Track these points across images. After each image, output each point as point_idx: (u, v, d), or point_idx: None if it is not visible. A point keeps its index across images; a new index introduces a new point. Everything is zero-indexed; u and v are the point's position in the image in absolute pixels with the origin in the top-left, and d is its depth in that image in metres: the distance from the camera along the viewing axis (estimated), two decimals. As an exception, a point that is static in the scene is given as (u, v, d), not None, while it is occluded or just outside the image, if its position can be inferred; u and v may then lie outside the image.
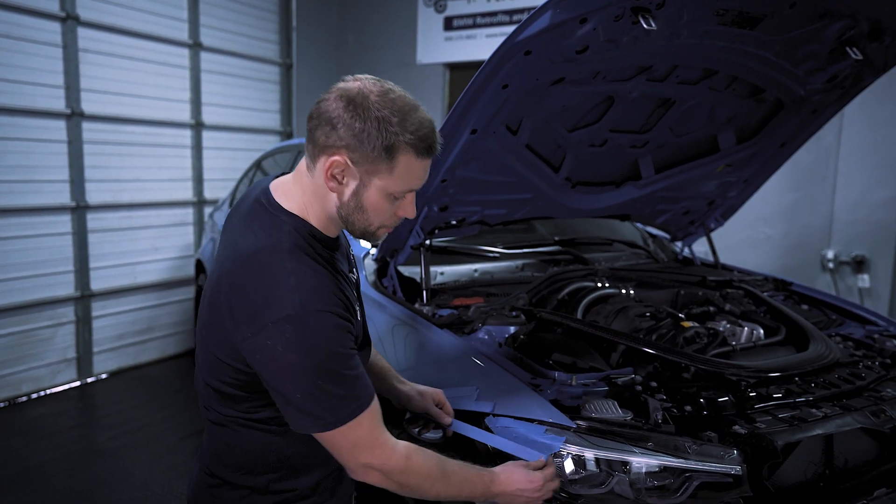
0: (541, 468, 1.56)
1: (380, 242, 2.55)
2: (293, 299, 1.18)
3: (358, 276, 1.54)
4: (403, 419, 1.85)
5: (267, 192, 1.36)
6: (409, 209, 1.35)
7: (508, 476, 1.49)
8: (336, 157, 1.23)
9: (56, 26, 4.46)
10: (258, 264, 1.23)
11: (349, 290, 1.35)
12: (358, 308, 1.41)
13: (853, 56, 2.22)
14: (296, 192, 1.33)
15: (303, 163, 1.34)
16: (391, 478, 1.31)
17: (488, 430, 1.82)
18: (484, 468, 1.49)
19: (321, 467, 1.44)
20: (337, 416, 1.22)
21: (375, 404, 1.29)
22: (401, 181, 1.27)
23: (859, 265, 4.85)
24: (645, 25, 1.78)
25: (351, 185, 1.27)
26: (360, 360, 1.34)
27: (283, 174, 1.44)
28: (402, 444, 1.34)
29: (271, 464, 1.38)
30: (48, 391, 4.68)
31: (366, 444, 1.27)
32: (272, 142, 6.23)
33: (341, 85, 1.25)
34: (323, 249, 1.33)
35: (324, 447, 1.31)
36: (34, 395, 4.60)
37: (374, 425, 1.28)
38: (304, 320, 1.17)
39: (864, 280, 4.84)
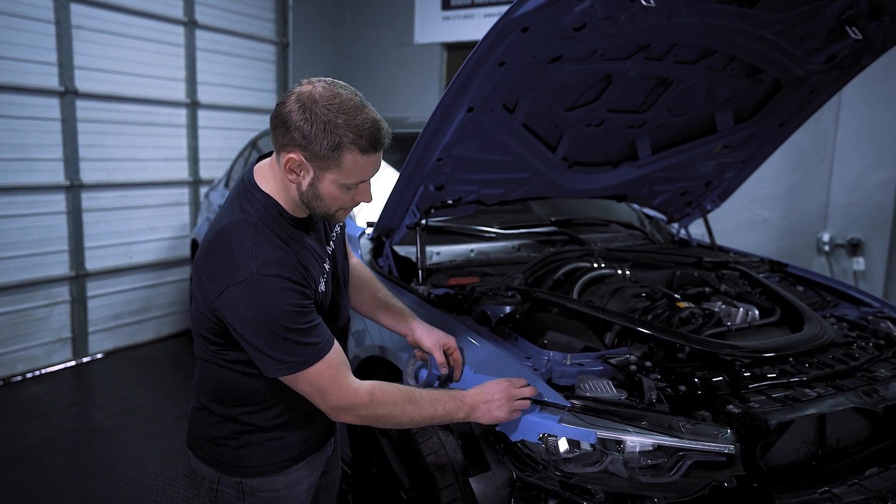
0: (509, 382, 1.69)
1: (375, 221, 2.54)
2: (251, 266, 1.37)
3: (336, 250, 1.70)
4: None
5: (250, 173, 1.54)
6: (365, 196, 1.51)
7: (480, 388, 1.65)
8: (291, 155, 1.40)
9: (48, 2, 4.40)
10: (228, 235, 1.43)
11: (313, 264, 1.53)
12: (324, 279, 1.57)
13: (852, 36, 2.20)
14: (270, 175, 1.51)
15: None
16: (360, 413, 1.49)
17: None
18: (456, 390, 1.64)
19: (285, 406, 1.60)
20: (297, 361, 1.40)
21: (335, 353, 1.46)
22: (351, 175, 1.42)
23: (855, 248, 4.86)
24: (643, 2, 1.77)
25: (307, 178, 1.43)
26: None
27: (269, 154, 1.58)
28: (367, 383, 1.51)
29: (239, 398, 1.57)
30: (43, 371, 4.69)
31: (330, 388, 1.45)
32: (268, 122, 6.17)
33: (297, 88, 1.41)
34: (289, 227, 1.50)
35: (287, 389, 1.48)
36: (29, 375, 4.60)
37: (336, 371, 1.45)
38: (257, 283, 1.36)
39: (859, 263, 4.85)
